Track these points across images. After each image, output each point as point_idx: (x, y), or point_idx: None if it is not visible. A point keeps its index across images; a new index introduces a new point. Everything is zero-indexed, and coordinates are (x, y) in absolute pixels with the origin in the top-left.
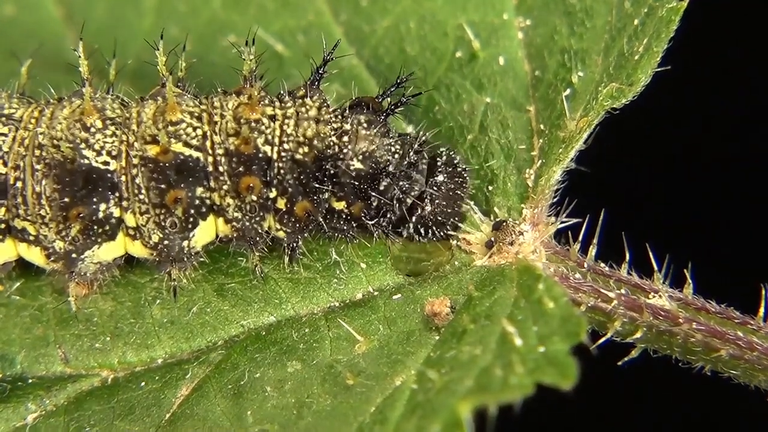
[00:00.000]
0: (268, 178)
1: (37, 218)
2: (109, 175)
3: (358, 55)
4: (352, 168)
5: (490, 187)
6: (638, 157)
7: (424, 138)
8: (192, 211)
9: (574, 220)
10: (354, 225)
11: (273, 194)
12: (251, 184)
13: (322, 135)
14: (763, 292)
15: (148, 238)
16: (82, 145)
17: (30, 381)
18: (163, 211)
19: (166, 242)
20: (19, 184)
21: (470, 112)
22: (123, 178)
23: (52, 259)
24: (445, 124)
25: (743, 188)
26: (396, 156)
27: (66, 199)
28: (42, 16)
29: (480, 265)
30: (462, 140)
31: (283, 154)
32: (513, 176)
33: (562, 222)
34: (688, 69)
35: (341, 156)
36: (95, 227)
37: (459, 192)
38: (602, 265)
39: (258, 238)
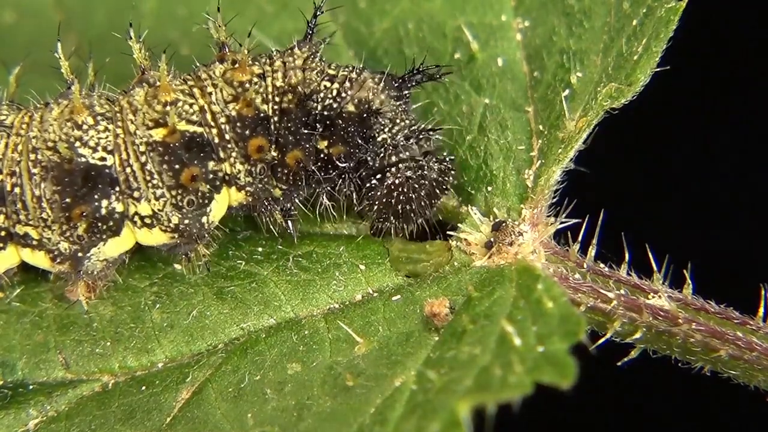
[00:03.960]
0: (271, 135)
1: (39, 222)
2: (107, 170)
3: (356, 57)
4: (344, 111)
5: (490, 188)
6: (638, 157)
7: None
8: (208, 186)
9: (574, 221)
10: (331, 170)
11: (273, 148)
12: (260, 145)
13: (307, 81)
14: (763, 292)
15: (167, 221)
16: (77, 143)
17: (31, 387)
18: (180, 192)
19: (186, 221)
20: (17, 190)
21: (469, 113)
22: (127, 170)
23: (57, 261)
24: (444, 125)
25: (743, 188)
26: (402, 120)
27: (67, 200)
28: (42, 22)
29: (479, 265)
30: (461, 141)
31: (274, 107)
32: (512, 177)
33: (562, 222)
34: (688, 69)
35: (339, 99)
36: (99, 224)
37: (443, 185)
38: (602, 265)
39: (271, 200)
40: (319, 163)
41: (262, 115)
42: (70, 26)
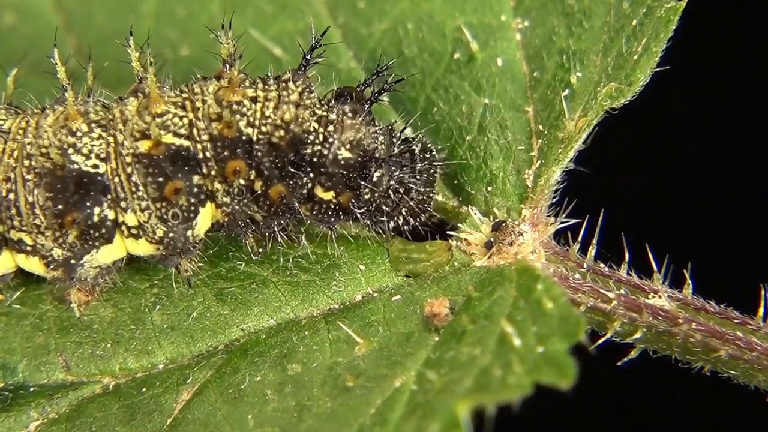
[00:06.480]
0: (251, 161)
1: (32, 228)
2: (99, 178)
3: (356, 58)
4: (340, 157)
5: (490, 188)
6: (638, 157)
7: (406, 127)
8: (192, 200)
9: (574, 221)
10: (341, 216)
11: (254, 176)
12: (237, 168)
13: (300, 119)
14: (763, 292)
15: (153, 233)
16: (70, 150)
17: (32, 389)
18: (164, 204)
19: (171, 235)
20: (11, 195)
21: (469, 113)
22: (116, 179)
23: (51, 267)
24: (444, 125)
25: (743, 188)
26: (383, 144)
27: (60, 206)
28: (42, 25)
29: (479, 265)
30: (461, 141)
31: (261, 136)
32: (512, 177)
33: (562, 222)
34: (688, 69)
35: (327, 145)
36: (91, 231)
37: (434, 176)
38: (602, 265)
39: (249, 221)
40: (329, 212)
41: (244, 138)
42: (70, 28)
